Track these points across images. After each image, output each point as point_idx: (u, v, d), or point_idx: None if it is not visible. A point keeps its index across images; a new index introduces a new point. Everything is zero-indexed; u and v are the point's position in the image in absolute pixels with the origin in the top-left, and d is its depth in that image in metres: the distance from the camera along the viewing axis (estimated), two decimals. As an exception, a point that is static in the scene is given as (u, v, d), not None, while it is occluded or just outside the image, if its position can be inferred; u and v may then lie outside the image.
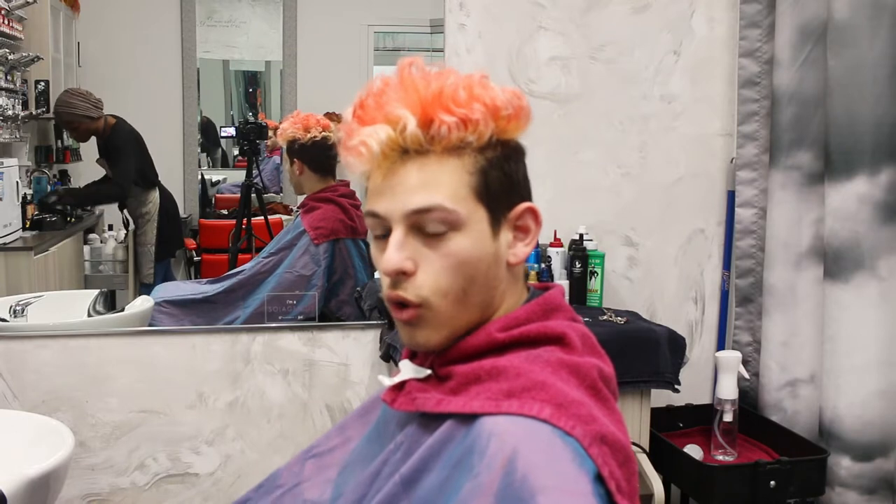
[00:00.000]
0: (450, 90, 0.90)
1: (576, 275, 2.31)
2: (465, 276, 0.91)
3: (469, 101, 0.90)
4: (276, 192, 2.73)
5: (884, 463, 2.18)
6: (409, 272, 0.91)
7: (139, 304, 2.41)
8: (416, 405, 0.93)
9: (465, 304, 0.92)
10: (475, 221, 0.91)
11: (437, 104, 0.89)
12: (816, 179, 2.28)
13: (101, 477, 2.23)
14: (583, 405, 0.87)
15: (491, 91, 0.91)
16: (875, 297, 2.15)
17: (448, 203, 0.90)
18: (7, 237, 2.30)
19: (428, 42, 2.61)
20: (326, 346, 2.31)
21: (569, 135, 2.42)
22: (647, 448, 2.13)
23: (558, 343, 0.92)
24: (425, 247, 0.91)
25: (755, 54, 2.41)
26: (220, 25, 2.59)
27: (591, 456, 0.83)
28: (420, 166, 0.90)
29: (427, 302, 0.91)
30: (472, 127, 0.90)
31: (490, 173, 0.92)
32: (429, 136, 0.89)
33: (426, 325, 0.93)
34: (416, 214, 0.90)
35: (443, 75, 0.91)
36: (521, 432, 0.83)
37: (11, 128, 2.30)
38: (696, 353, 2.54)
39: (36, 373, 2.16)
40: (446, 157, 0.91)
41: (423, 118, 0.89)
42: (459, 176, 0.91)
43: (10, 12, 2.27)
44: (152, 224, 2.52)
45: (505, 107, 0.92)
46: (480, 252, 0.91)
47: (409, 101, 0.90)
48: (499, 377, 0.89)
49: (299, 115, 2.48)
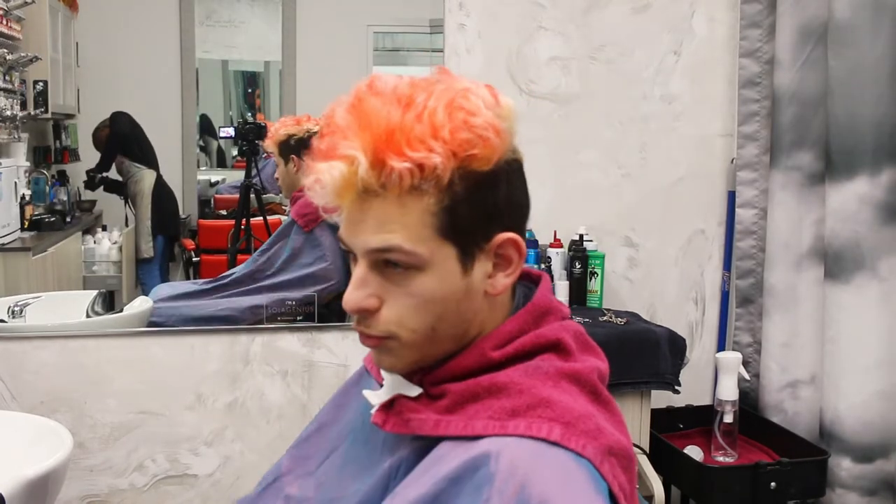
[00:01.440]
0: (408, 125, 0.81)
1: (576, 275, 2.31)
2: (432, 314, 0.86)
3: (425, 139, 0.81)
4: (276, 194, 2.73)
5: (884, 464, 2.18)
6: (372, 309, 0.86)
7: (138, 304, 2.40)
8: (410, 428, 0.88)
9: (434, 339, 0.87)
10: (440, 259, 0.84)
11: (389, 145, 0.80)
12: (817, 180, 2.28)
13: (100, 478, 2.22)
14: (589, 419, 0.83)
15: (457, 121, 0.82)
16: (876, 297, 2.15)
17: (406, 245, 0.83)
18: (5, 237, 2.29)
19: (428, 42, 2.61)
20: (326, 346, 2.31)
21: (569, 135, 2.42)
22: (647, 449, 2.13)
23: (554, 350, 0.89)
24: (390, 283, 0.86)
25: (756, 54, 2.41)
26: (219, 25, 2.58)
27: (602, 474, 0.81)
28: (378, 206, 0.83)
29: (393, 334, 0.87)
30: (428, 171, 0.81)
31: (457, 210, 0.83)
32: (380, 182, 0.81)
33: (391, 353, 0.89)
34: (376, 252, 0.85)
35: (402, 102, 0.82)
36: (532, 457, 0.80)
37: (10, 128, 2.29)
38: (697, 354, 2.53)
39: (34, 374, 2.15)
40: (406, 198, 0.82)
41: (374, 160, 0.81)
42: (420, 217, 0.83)
43: (9, 12, 2.27)
44: (146, 200, 2.53)
45: (469, 145, 0.82)
46: (447, 290, 0.85)
47: (363, 138, 0.81)
48: (499, 394, 0.85)
49: (287, 117, 2.50)
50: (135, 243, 2.56)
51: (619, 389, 2.08)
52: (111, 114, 2.46)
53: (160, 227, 2.57)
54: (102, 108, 2.44)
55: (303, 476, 1.06)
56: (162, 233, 2.58)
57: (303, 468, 1.07)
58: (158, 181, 2.55)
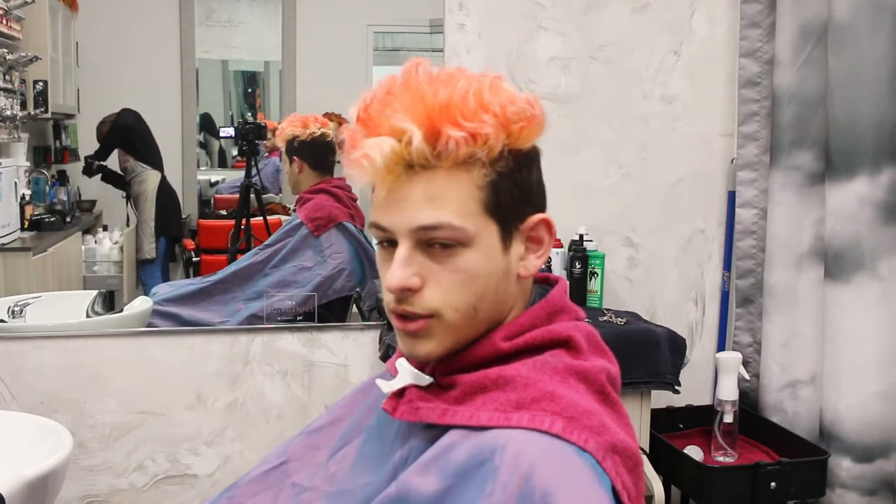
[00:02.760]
0: (458, 100, 0.84)
1: (576, 275, 2.31)
2: (475, 293, 0.88)
3: (478, 111, 0.84)
4: (276, 193, 2.73)
5: (884, 464, 2.18)
6: (415, 289, 0.87)
7: (138, 304, 2.40)
8: (419, 416, 0.90)
9: (475, 319, 0.89)
10: (485, 236, 0.87)
11: (444, 116, 0.84)
12: (817, 180, 2.28)
13: (100, 478, 2.22)
14: (594, 415, 0.84)
15: (503, 98, 0.86)
16: (876, 297, 2.15)
17: (456, 220, 0.86)
18: (5, 237, 2.29)
19: (428, 42, 2.61)
20: (326, 346, 2.31)
21: (569, 135, 2.41)
22: (647, 449, 2.13)
23: (564, 346, 0.90)
24: (433, 262, 0.87)
25: (756, 54, 2.41)
26: (218, 25, 2.58)
27: (605, 470, 0.82)
28: (427, 181, 0.85)
29: (438, 313, 0.88)
30: (481, 140, 0.85)
31: (501, 186, 0.87)
32: (435, 152, 0.84)
33: (432, 337, 0.89)
34: (423, 231, 0.86)
35: (452, 79, 0.86)
36: (536, 449, 0.80)
37: (9, 128, 2.29)
38: (697, 353, 2.53)
39: (34, 374, 2.15)
40: (454, 172, 0.86)
41: (430, 132, 0.84)
42: (468, 191, 0.86)
43: (9, 12, 2.27)
44: (150, 203, 2.53)
45: (517, 117, 0.86)
46: (490, 268, 0.88)
47: (415, 112, 0.84)
48: (506, 387, 0.86)
49: (296, 115, 2.49)
50: (136, 244, 2.56)
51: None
52: (120, 110, 2.46)
53: (163, 228, 2.57)
54: (102, 108, 2.44)
55: (311, 466, 1.07)
56: (165, 234, 2.58)
57: (311, 458, 1.07)
58: (163, 182, 2.56)
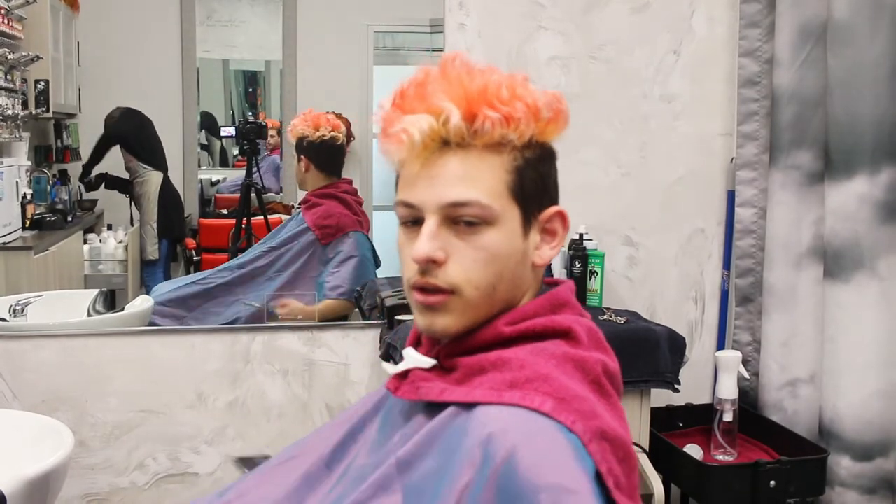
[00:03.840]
0: (494, 87, 0.91)
1: (575, 274, 2.31)
2: (494, 272, 0.92)
3: (512, 99, 0.91)
4: (276, 192, 2.73)
5: (884, 463, 2.18)
6: (440, 261, 0.92)
7: (139, 303, 2.41)
8: (419, 394, 0.94)
9: (493, 298, 0.94)
10: (508, 219, 0.93)
11: (481, 99, 0.91)
12: (816, 179, 2.28)
13: (101, 477, 2.23)
14: (585, 400, 0.87)
15: (532, 92, 0.94)
16: (875, 296, 2.15)
17: (485, 199, 0.91)
18: (7, 237, 2.29)
19: (428, 42, 2.61)
20: (326, 345, 2.31)
21: (568, 134, 2.40)
22: (646, 448, 2.13)
23: (565, 337, 0.93)
24: (457, 238, 0.92)
25: (755, 54, 2.41)
26: (219, 25, 2.59)
27: (590, 453, 0.83)
28: (461, 159, 0.92)
29: (458, 289, 0.92)
30: (514, 125, 0.91)
31: (526, 173, 0.94)
32: (472, 131, 0.91)
33: (450, 313, 0.93)
34: (452, 207, 0.91)
35: (486, 72, 0.94)
36: (522, 425, 0.83)
37: (11, 127, 2.30)
38: (696, 352, 2.53)
39: (35, 372, 2.16)
40: (487, 153, 0.92)
41: (467, 112, 0.91)
42: (498, 173, 0.92)
43: (10, 12, 2.27)
44: (153, 204, 2.53)
45: (546, 109, 0.94)
46: (511, 249, 0.93)
47: (454, 94, 0.91)
48: (503, 368, 0.89)
49: (311, 113, 2.49)
50: (139, 244, 2.56)
51: (619, 388, 2.08)
52: (125, 109, 2.46)
53: (166, 229, 2.57)
54: (103, 108, 2.45)
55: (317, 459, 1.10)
56: (167, 235, 2.58)
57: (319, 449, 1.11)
58: (165, 183, 2.55)
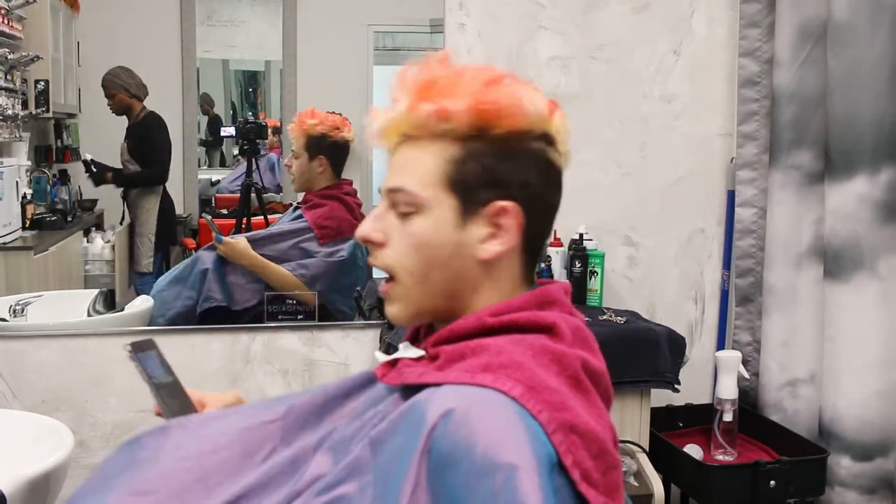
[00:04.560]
0: (441, 80, 0.94)
1: (576, 274, 2.31)
2: (424, 259, 0.95)
3: (457, 90, 0.93)
4: (275, 191, 2.73)
5: (884, 463, 2.18)
6: (377, 242, 0.98)
7: (139, 303, 2.41)
8: (401, 379, 0.95)
9: (427, 286, 0.96)
10: (441, 208, 0.95)
11: (426, 92, 0.94)
12: (816, 179, 2.28)
13: (101, 477, 2.22)
14: (556, 392, 0.86)
15: (493, 87, 0.94)
16: (875, 296, 2.15)
17: (412, 186, 0.95)
18: (7, 237, 2.29)
19: (428, 42, 2.61)
20: (326, 345, 2.31)
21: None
22: (646, 448, 2.13)
23: (548, 332, 0.93)
24: (399, 222, 0.97)
25: (755, 54, 2.41)
26: (219, 25, 2.59)
27: (552, 442, 0.83)
28: (409, 149, 0.96)
29: (393, 271, 0.97)
30: (449, 117, 0.93)
31: (467, 164, 0.94)
32: (413, 124, 0.95)
33: (395, 300, 0.99)
34: (389, 193, 0.97)
35: (463, 69, 0.96)
36: (485, 402, 0.84)
37: (11, 127, 2.30)
38: (696, 352, 2.53)
39: (35, 372, 2.16)
40: (429, 144, 0.95)
41: (412, 105, 0.95)
42: (434, 162, 0.95)
43: (10, 12, 2.27)
44: (152, 216, 2.52)
45: (493, 103, 0.93)
46: (440, 238, 0.95)
47: (409, 88, 0.95)
48: (480, 353, 0.90)
49: (318, 111, 2.47)
50: (131, 253, 2.53)
51: (618, 388, 2.06)
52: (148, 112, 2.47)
53: (163, 242, 2.56)
54: (103, 108, 2.44)
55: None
56: (163, 247, 2.57)
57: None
58: (164, 196, 2.54)
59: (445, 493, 0.80)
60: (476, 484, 0.78)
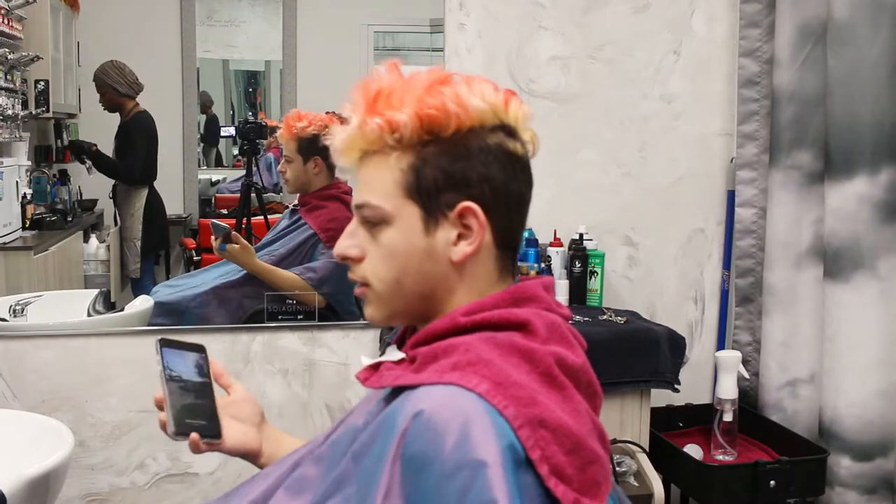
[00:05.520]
0: (390, 90, 0.94)
1: (576, 274, 2.31)
2: (396, 267, 0.96)
3: (402, 100, 0.93)
4: (275, 191, 2.73)
5: (884, 463, 2.18)
6: (354, 258, 0.99)
7: (139, 303, 2.40)
8: (381, 382, 0.96)
9: (400, 290, 0.97)
10: (405, 217, 0.95)
11: (373, 106, 0.94)
12: (816, 179, 2.28)
13: (101, 476, 2.23)
14: (524, 388, 0.86)
15: (436, 89, 0.93)
16: (875, 296, 2.15)
17: (375, 200, 0.96)
18: (7, 237, 2.29)
19: (428, 42, 2.61)
20: (326, 345, 2.31)
21: (569, 135, 2.42)
22: (646, 448, 2.13)
23: (521, 330, 0.93)
24: (371, 237, 0.98)
25: (755, 54, 2.41)
26: (219, 25, 2.59)
27: (519, 437, 0.83)
28: (370, 164, 0.97)
29: (368, 282, 0.99)
30: (395, 128, 0.93)
31: (423, 170, 0.94)
32: (365, 140, 0.95)
33: (370, 303, 1.00)
34: (356, 209, 0.98)
35: (412, 75, 0.95)
36: (449, 399, 0.84)
37: (11, 127, 2.30)
38: (696, 352, 2.54)
39: (36, 372, 2.16)
40: (383, 156, 0.95)
41: (362, 121, 0.95)
42: (391, 173, 0.95)
43: (10, 12, 2.27)
44: (137, 221, 2.51)
45: (432, 107, 0.92)
46: (409, 246, 0.95)
47: (360, 104, 0.95)
48: (451, 353, 0.90)
49: (310, 114, 2.45)
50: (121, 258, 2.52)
51: (618, 388, 2.08)
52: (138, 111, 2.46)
53: (149, 247, 2.53)
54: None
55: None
56: (150, 252, 2.54)
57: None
58: (150, 197, 2.52)
59: (419, 497, 0.81)
60: (446, 484, 0.80)
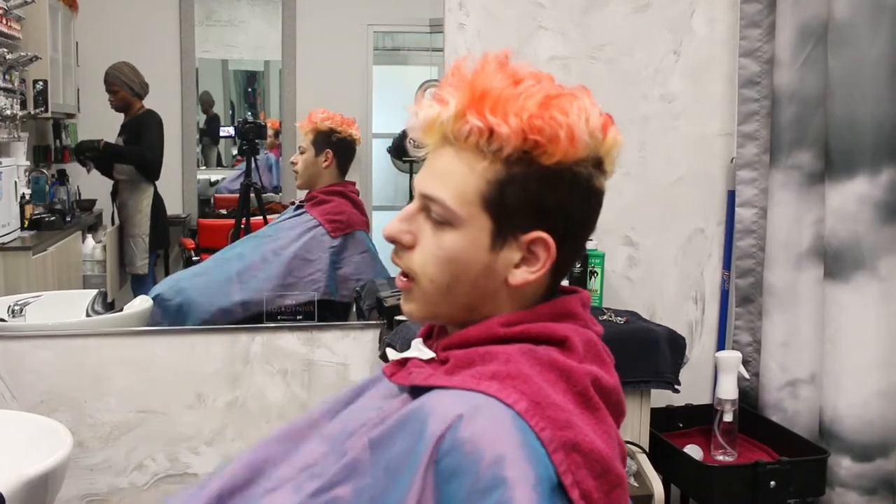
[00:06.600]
0: (500, 94, 0.89)
1: (575, 275, 2.31)
2: (450, 273, 0.92)
3: (509, 110, 0.88)
4: (274, 192, 2.73)
5: (884, 463, 2.18)
6: (405, 244, 0.94)
7: (138, 304, 2.40)
8: (409, 380, 0.94)
9: (449, 297, 0.94)
10: (475, 227, 0.91)
11: (476, 103, 0.89)
12: (817, 179, 2.28)
13: (100, 477, 2.22)
14: (561, 410, 0.85)
15: (548, 111, 0.88)
16: (875, 297, 2.15)
17: (450, 201, 0.91)
18: (5, 237, 2.29)
19: (428, 42, 2.61)
20: (325, 345, 2.31)
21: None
22: (646, 448, 2.13)
23: (559, 346, 0.91)
24: (430, 228, 0.93)
25: (755, 54, 2.41)
26: (218, 25, 2.58)
27: (553, 462, 0.82)
28: (451, 155, 0.91)
29: (415, 276, 0.94)
30: (494, 138, 0.88)
31: (508, 188, 0.89)
32: (456, 131, 0.90)
33: (413, 300, 0.96)
34: (424, 198, 0.93)
35: (521, 79, 0.91)
36: (488, 411, 0.83)
37: (10, 127, 2.30)
38: (696, 353, 2.53)
39: (34, 373, 2.15)
40: (473, 157, 0.90)
41: (459, 111, 0.89)
42: (475, 180, 0.90)
43: (9, 12, 2.27)
44: (145, 217, 2.51)
45: (540, 131, 0.88)
46: (470, 257, 0.92)
47: (463, 91, 0.90)
48: (489, 361, 0.89)
49: (334, 114, 2.49)
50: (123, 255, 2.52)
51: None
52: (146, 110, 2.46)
53: (156, 243, 2.55)
54: (103, 108, 2.44)
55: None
56: (157, 249, 2.56)
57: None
58: (156, 195, 2.53)
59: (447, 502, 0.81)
60: (478, 499, 0.79)
